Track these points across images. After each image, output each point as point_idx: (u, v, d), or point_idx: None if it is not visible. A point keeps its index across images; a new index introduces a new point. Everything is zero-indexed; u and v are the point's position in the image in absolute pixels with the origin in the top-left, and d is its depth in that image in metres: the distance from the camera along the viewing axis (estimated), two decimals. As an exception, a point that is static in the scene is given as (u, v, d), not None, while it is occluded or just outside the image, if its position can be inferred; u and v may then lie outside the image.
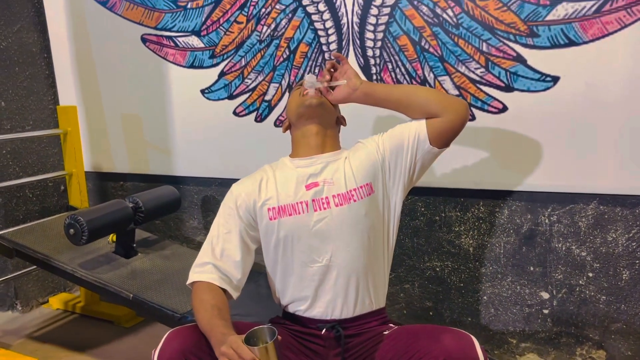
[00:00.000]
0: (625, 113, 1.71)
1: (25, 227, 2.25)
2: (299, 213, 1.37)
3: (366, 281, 1.39)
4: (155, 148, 2.56)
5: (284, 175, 1.44)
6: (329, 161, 1.44)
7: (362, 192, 1.39)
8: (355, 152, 1.47)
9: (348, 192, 1.38)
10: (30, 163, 2.63)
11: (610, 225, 1.82)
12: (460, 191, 2.01)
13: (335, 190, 1.39)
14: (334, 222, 1.36)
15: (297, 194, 1.39)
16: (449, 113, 1.38)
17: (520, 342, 2.03)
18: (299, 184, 1.41)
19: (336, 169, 1.42)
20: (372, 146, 1.45)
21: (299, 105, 1.47)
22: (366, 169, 1.41)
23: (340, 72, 1.49)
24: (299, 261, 1.38)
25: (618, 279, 1.84)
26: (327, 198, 1.38)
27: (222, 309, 1.27)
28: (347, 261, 1.37)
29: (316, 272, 1.37)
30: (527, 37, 1.78)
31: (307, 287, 1.38)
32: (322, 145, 1.46)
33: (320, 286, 1.38)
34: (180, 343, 1.20)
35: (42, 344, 2.30)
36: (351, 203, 1.37)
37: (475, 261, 2.04)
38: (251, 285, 1.97)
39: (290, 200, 1.39)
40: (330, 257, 1.37)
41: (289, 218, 1.38)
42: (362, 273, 1.38)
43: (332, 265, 1.37)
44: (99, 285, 1.90)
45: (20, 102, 2.59)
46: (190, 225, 2.60)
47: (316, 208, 1.37)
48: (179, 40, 2.36)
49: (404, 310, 2.19)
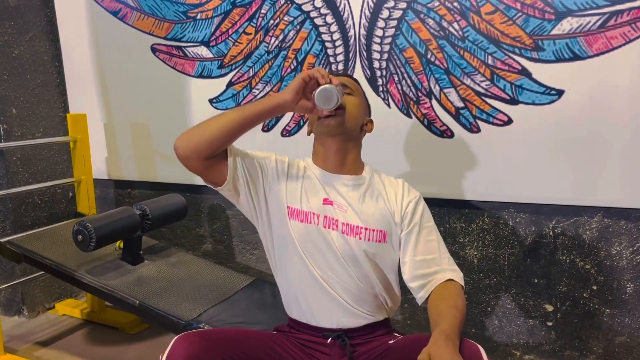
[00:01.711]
0: (630, 127, 1.72)
1: (33, 233, 2.27)
2: (310, 222, 1.37)
3: (372, 298, 1.40)
4: (163, 156, 2.59)
5: (308, 178, 1.43)
6: (347, 185, 1.41)
7: (373, 235, 1.36)
8: (382, 191, 1.42)
9: (357, 227, 1.36)
10: (39, 170, 2.66)
11: (614, 238, 1.83)
12: (465, 202, 2.02)
13: (345, 218, 1.37)
14: (338, 247, 1.36)
15: (315, 204, 1.38)
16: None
17: (524, 354, 2.03)
18: (320, 195, 1.40)
19: (352, 198, 1.39)
20: (398, 212, 1.39)
21: (317, 124, 1.42)
22: (379, 222, 1.38)
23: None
24: (306, 263, 1.37)
25: (622, 292, 1.84)
26: (337, 221, 1.37)
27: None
28: (349, 283, 1.37)
29: (319, 284, 1.37)
30: (532, 51, 1.80)
31: (311, 297, 1.39)
32: (340, 164, 1.42)
33: (323, 299, 1.37)
34: (187, 348, 1.20)
35: (48, 349, 2.32)
36: (357, 239, 1.36)
37: (480, 272, 2.05)
38: (256, 294, 1.99)
39: (307, 208, 1.38)
40: (331, 273, 1.37)
41: (300, 224, 1.38)
42: (368, 293, 1.38)
43: (334, 282, 1.37)
44: (106, 292, 1.92)
45: (31, 110, 2.62)
46: (196, 233, 2.62)
47: (326, 225, 1.37)
48: (188, 51, 2.40)
49: (407, 321, 2.19)
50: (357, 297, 1.38)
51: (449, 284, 1.32)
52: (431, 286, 1.32)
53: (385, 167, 1.53)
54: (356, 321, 1.38)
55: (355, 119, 1.43)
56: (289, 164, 1.45)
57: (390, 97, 2.04)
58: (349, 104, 1.40)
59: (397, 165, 2.05)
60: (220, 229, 2.56)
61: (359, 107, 1.44)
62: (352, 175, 1.43)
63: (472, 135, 1.94)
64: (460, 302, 1.27)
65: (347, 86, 1.44)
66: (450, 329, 1.15)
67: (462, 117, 1.94)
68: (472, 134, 1.94)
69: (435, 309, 1.27)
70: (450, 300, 1.27)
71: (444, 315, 1.22)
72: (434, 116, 1.98)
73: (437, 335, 1.14)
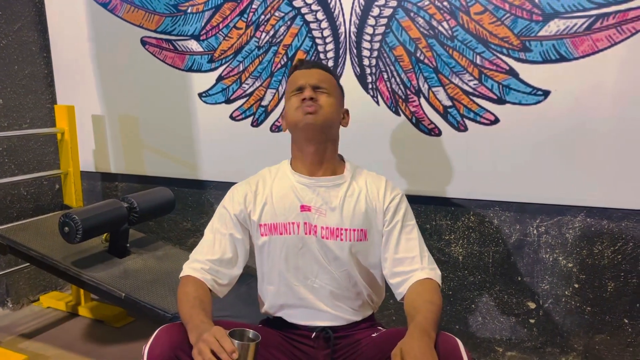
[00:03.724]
0: (613, 129, 1.75)
1: (19, 225, 2.26)
2: (290, 233, 1.39)
3: (357, 296, 1.42)
4: (151, 150, 2.58)
5: (282, 188, 1.42)
6: (327, 187, 1.41)
7: (353, 235, 1.38)
8: (363, 189, 1.42)
9: (337, 229, 1.38)
10: (26, 161, 2.64)
11: (596, 237, 1.86)
12: (451, 200, 2.04)
13: (324, 221, 1.38)
14: (320, 251, 1.38)
15: (292, 214, 1.39)
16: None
17: (506, 351, 2.06)
18: (295, 203, 1.40)
19: (331, 201, 1.39)
20: (380, 209, 1.40)
21: (297, 119, 1.38)
22: (360, 221, 1.39)
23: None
24: (287, 277, 1.41)
25: (603, 291, 1.87)
26: (316, 227, 1.38)
27: (205, 302, 1.29)
28: (333, 285, 1.39)
29: (303, 290, 1.40)
30: (519, 52, 1.82)
31: (295, 301, 1.41)
32: (319, 165, 1.42)
33: (307, 303, 1.40)
34: (170, 339, 1.21)
35: (32, 341, 2.30)
36: (338, 241, 1.37)
37: (464, 270, 2.07)
38: (242, 288, 1.99)
39: (283, 220, 1.39)
40: (316, 279, 1.39)
41: (280, 237, 1.39)
42: (352, 293, 1.41)
43: (318, 287, 1.39)
44: (92, 284, 1.91)
45: (18, 100, 2.60)
46: (183, 227, 2.62)
47: (306, 231, 1.38)
48: (178, 44, 2.39)
49: (392, 317, 2.21)
50: (341, 297, 1.41)
51: (426, 281, 1.34)
52: (409, 283, 1.34)
53: (372, 165, 1.54)
54: (341, 320, 1.41)
55: (331, 117, 1.40)
56: (246, 195, 1.43)
57: (380, 95, 2.05)
58: (324, 102, 1.37)
59: (385, 163, 2.07)
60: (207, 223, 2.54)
61: (334, 107, 1.40)
62: (332, 176, 1.42)
63: (460, 133, 1.96)
64: (436, 297, 1.29)
65: (319, 87, 1.39)
66: (425, 322, 1.18)
67: (449, 115, 1.96)
68: (459, 133, 1.96)
69: (411, 304, 1.30)
70: (426, 296, 1.29)
71: (419, 309, 1.24)
72: (422, 114, 2.00)
73: (412, 328, 1.16)
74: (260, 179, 1.47)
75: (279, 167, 1.49)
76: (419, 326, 1.17)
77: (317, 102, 1.36)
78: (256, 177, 1.48)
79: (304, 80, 1.39)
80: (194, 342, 1.14)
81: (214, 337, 1.10)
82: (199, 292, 1.31)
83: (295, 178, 1.43)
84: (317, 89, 1.38)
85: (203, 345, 1.10)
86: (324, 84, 1.40)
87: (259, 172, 1.51)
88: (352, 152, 1.55)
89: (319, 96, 1.38)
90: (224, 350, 1.08)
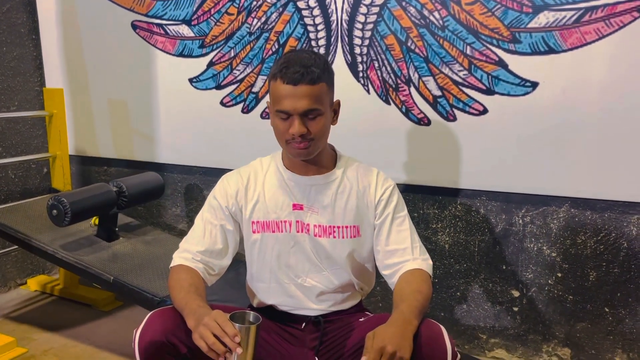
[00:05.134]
0: (599, 121, 1.78)
1: (6, 207, 2.25)
2: (282, 231, 1.39)
3: (348, 289, 1.44)
4: (140, 134, 2.57)
5: (273, 185, 1.41)
6: (318, 185, 1.39)
7: (346, 232, 1.38)
8: (354, 184, 1.41)
9: (329, 227, 1.38)
10: (13, 144, 2.63)
11: (580, 228, 1.89)
12: (438, 189, 2.06)
13: (317, 219, 1.38)
14: (313, 249, 1.39)
15: (283, 212, 1.39)
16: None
17: (490, 338, 2.10)
18: (287, 201, 1.39)
19: (323, 199, 1.38)
20: (371, 203, 1.40)
21: (287, 150, 1.35)
22: (352, 218, 1.39)
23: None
24: (279, 275, 1.42)
25: (585, 280, 1.91)
26: (308, 225, 1.38)
27: (199, 288, 1.29)
28: (324, 284, 1.41)
29: (293, 289, 1.42)
30: (509, 43, 1.83)
31: (285, 299, 1.43)
32: (310, 167, 1.39)
33: (297, 301, 1.42)
34: (162, 323, 1.21)
35: (19, 324, 2.31)
36: (331, 238, 1.38)
37: (451, 258, 2.10)
38: (231, 273, 2.00)
39: (275, 217, 1.39)
40: (307, 277, 1.41)
41: (272, 235, 1.40)
42: (343, 286, 1.43)
43: (309, 286, 1.41)
44: (80, 267, 1.92)
45: (6, 83, 2.58)
46: (172, 212, 2.62)
47: (298, 229, 1.39)
48: (169, 29, 2.38)
49: (379, 304, 2.24)
50: (332, 291, 1.42)
51: (417, 271, 1.35)
52: (400, 273, 1.36)
53: (361, 153, 1.55)
54: (330, 309, 1.44)
55: (324, 139, 1.36)
56: (238, 191, 1.41)
57: (370, 84, 2.06)
58: (316, 131, 1.29)
59: (374, 151, 2.08)
60: (197, 209, 2.53)
61: (326, 127, 1.33)
62: (323, 174, 1.40)
63: (449, 123, 1.98)
64: (424, 287, 1.30)
65: (313, 109, 1.27)
66: (408, 311, 1.18)
67: (439, 105, 1.98)
68: (448, 122, 1.98)
69: (398, 293, 1.31)
70: (414, 285, 1.30)
71: (405, 298, 1.25)
72: (412, 104, 2.02)
73: (393, 315, 1.19)
74: (252, 172, 1.44)
75: (270, 160, 1.46)
76: (400, 314, 1.18)
77: (308, 135, 1.28)
78: (248, 170, 1.45)
79: (290, 106, 1.26)
80: (193, 326, 1.14)
81: (215, 322, 1.10)
82: (193, 279, 1.32)
83: (287, 175, 1.40)
84: (307, 115, 1.27)
85: (205, 330, 1.10)
86: (313, 104, 1.27)
87: (251, 164, 1.48)
88: (341, 141, 1.55)
89: (309, 124, 1.28)
90: (226, 334, 1.09)
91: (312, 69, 1.25)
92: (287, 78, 1.25)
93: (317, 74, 1.26)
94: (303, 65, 1.25)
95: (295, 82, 1.25)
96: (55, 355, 2.06)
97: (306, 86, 1.25)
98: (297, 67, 1.24)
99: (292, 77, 1.24)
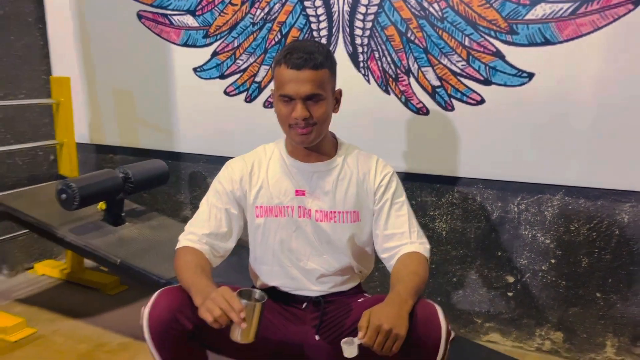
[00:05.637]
0: (594, 111, 1.82)
1: (15, 192, 2.31)
2: (285, 216, 1.44)
3: (347, 272, 1.49)
4: (145, 123, 2.62)
5: (277, 172, 1.45)
6: (321, 171, 1.44)
7: (346, 217, 1.43)
8: (354, 170, 1.45)
9: (330, 212, 1.43)
10: (21, 131, 2.68)
11: (573, 215, 1.94)
12: (436, 177, 2.11)
13: (318, 205, 1.43)
14: (314, 234, 1.44)
15: (286, 197, 1.43)
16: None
17: (484, 322, 2.16)
18: (290, 188, 1.43)
19: (324, 185, 1.43)
20: (371, 189, 1.45)
21: (289, 135, 1.39)
22: (352, 203, 1.44)
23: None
24: (281, 259, 1.47)
25: (577, 266, 1.97)
26: (310, 210, 1.43)
27: (206, 269, 1.35)
28: (324, 267, 1.46)
29: (295, 272, 1.47)
30: (506, 34, 1.88)
31: (287, 281, 1.49)
32: (312, 154, 1.44)
33: (298, 283, 1.48)
34: (170, 301, 1.27)
35: (28, 306, 2.37)
36: (332, 223, 1.43)
37: (447, 244, 2.16)
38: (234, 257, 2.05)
39: (278, 203, 1.43)
40: (308, 261, 1.46)
41: (275, 219, 1.44)
42: (343, 270, 1.48)
43: (310, 269, 1.46)
44: (88, 250, 1.98)
45: (14, 71, 2.63)
46: (177, 199, 2.68)
47: (300, 215, 1.43)
48: (174, 19, 2.42)
49: (378, 288, 2.30)
50: (331, 274, 1.47)
51: (414, 254, 1.40)
52: (397, 256, 1.40)
53: (361, 142, 1.58)
54: (330, 291, 1.49)
55: (326, 125, 1.40)
56: (242, 177, 1.45)
57: (370, 74, 2.11)
58: (318, 116, 1.34)
59: (373, 140, 2.13)
60: (200, 196, 2.56)
61: (328, 112, 1.38)
62: (325, 161, 1.45)
63: (447, 113, 2.03)
64: (421, 269, 1.35)
65: (315, 94, 1.32)
66: (404, 291, 1.23)
67: (437, 95, 2.02)
68: (446, 112, 2.03)
69: (395, 275, 1.36)
70: (411, 267, 1.35)
71: (401, 279, 1.30)
72: (411, 93, 2.06)
73: (389, 295, 1.24)
74: (256, 159, 1.48)
75: (273, 147, 1.50)
76: (396, 294, 1.23)
77: (310, 119, 1.33)
78: (252, 156, 1.49)
79: (294, 90, 1.30)
80: (200, 304, 1.18)
81: (222, 297, 1.15)
82: (199, 260, 1.36)
83: (290, 162, 1.45)
84: (310, 99, 1.32)
85: (211, 304, 1.14)
86: (316, 89, 1.31)
87: (255, 150, 1.52)
88: (341, 130, 1.59)
89: (312, 108, 1.33)
90: (232, 309, 1.13)
91: (315, 55, 1.30)
92: (291, 63, 1.30)
93: (320, 60, 1.31)
94: (307, 52, 1.30)
95: (299, 67, 1.29)
96: (64, 335, 2.13)
97: (309, 71, 1.30)
98: (301, 53, 1.30)
99: (296, 62, 1.29)
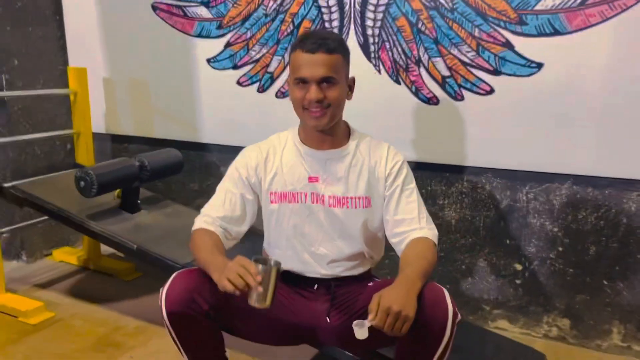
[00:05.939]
0: (602, 100, 1.84)
1: (35, 180, 2.37)
2: (298, 202, 1.48)
3: (359, 258, 1.54)
4: (160, 113, 2.68)
5: (291, 159, 1.49)
6: (334, 158, 1.48)
7: (358, 202, 1.47)
8: (366, 158, 1.49)
9: (343, 198, 1.47)
10: (39, 121, 2.74)
11: (581, 204, 1.97)
12: (446, 167, 2.15)
13: (331, 191, 1.47)
14: (327, 219, 1.48)
15: (300, 184, 1.48)
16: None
17: (493, 309, 2.19)
18: (303, 174, 1.48)
19: (337, 172, 1.47)
20: (382, 175, 1.48)
21: (303, 118, 1.44)
22: (364, 189, 1.48)
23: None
24: (294, 243, 1.51)
25: (585, 254, 1.99)
26: (323, 196, 1.47)
27: (221, 249, 1.41)
28: (335, 253, 1.50)
29: (307, 256, 1.51)
30: (516, 25, 1.90)
31: (299, 265, 1.53)
32: (326, 140, 1.48)
33: (309, 267, 1.52)
34: (187, 282, 1.33)
35: (47, 291, 2.44)
36: (344, 208, 1.47)
37: (457, 233, 2.19)
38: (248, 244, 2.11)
39: (292, 189, 1.48)
40: (320, 246, 1.50)
41: (289, 205, 1.49)
42: (355, 255, 1.52)
43: (321, 254, 1.50)
44: (106, 236, 2.04)
45: (32, 62, 2.69)
46: (190, 188, 2.73)
47: (313, 200, 1.48)
48: (188, 10, 2.46)
49: (387, 276, 2.33)
50: (342, 259, 1.52)
51: (422, 239, 1.44)
52: (407, 241, 1.44)
53: (372, 132, 1.62)
54: (341, 274, 1.53)
55: (339, 109, 1.45)
56: (257, 164, 1.50)
57: (381, 64, 2.14)
58: (332, 98, 1.39)
59: (384, 130, 2.16)
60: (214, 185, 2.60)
61: (341, 98, 1.43)
62: (337, 149, 1.49)
63: (457, 103, 2.05)
64: (429, 254, 1.39)
65: (329, 77, 1.37)
66: (413, 274, 1.27)
67: (447, 85, 2.05)
68: (456, 102, 2.05)
69: (404, 259, 1.40)
70: (419, 251, 1.39)
71: (410, 262, 1.34)
72: (421, 84, 2.09)
73: (398, 277, 1.28)
74: (270, 147, 1.53)
75: (287, 135, 1.54)
76: (405, 277, 1.27)
77: (324, 102, 1.38)
78: (267, 144, 1.54)
79: (308, 72, 1.37)
80: (218, 279, 1.25)
81: (238, 263, 1.22)
82: (214, 240, 1.42)
83: (304, 150, 1.50)
84: (323, 82, 1.38)
85: (229, 271, 1.21)
86: (330, 72, 1.37)
87: (270, 138, 1.57)
88: (353, 119, 1.62)
89: (326, 92, 1.38)
90: (248, 273, 1.20)
91: (328, 40, 1.37)
92: (306, 47, 1.37)
93: (333, 45, 1.38)
94: (321, 37, 1.38)
95: (313, 50, 1.36)
96: (82, 318, 2.19)
97: (323, 55, 1.36)
98: (315, 39, 1.38)
99: (310, 47, 1.37)
